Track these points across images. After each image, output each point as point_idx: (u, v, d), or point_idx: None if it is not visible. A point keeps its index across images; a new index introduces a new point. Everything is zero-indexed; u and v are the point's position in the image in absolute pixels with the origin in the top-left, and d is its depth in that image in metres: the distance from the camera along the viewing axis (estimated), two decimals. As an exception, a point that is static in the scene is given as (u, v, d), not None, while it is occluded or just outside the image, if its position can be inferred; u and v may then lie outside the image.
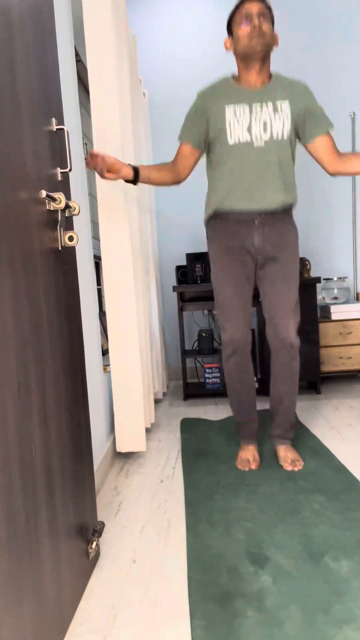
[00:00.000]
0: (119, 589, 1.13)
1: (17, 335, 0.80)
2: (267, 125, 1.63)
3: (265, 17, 1.59)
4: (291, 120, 1.64)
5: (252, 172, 1.65)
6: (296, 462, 1.76)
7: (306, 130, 1.69)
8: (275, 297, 1.70)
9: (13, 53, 0.84)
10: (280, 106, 1.63)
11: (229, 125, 1.64)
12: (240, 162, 1.65)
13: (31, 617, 0.80)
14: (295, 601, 1.03)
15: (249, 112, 1.63)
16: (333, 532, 1.29)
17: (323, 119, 1.68)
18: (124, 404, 1.86)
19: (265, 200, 1.67)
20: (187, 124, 1.72)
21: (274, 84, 1.67)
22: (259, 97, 1.64)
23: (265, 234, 1.70)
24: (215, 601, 1.04)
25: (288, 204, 1.71)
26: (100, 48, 1.67)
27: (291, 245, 1.72)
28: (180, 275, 3.03)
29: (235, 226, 1.70)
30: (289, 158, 1.68)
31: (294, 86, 1.67)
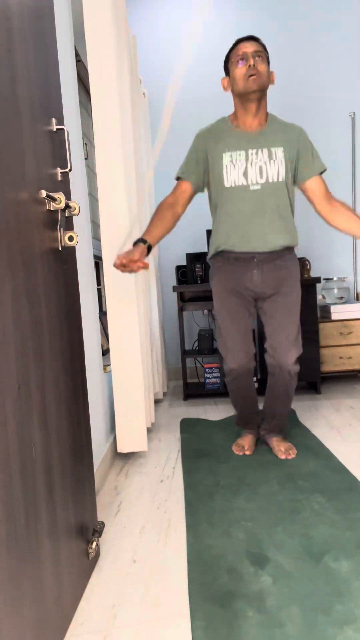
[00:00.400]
0: (119, 589, 1.13)
1: (17, 335, 0.80)
2: (262, 170, 1.69)
3: (261, 57, 1.64)
4: (285, 165, 1.70)
5: (249, 214, 1.71)
6: (290, 450, 1.84)
7: (298, 172, 1.74)
8: (276, 329, 1.76)
9: (13, 53, 0.84)
10: (275, 153, 1.69)
11: (225, 171, 1.70)
12: (237, 204, 1.71)
13: (31, 617, 0.80)
14: (295, 602, 1.03)
15: (245, 159, 1.69)
16: (333, 532, 1.29)
17: (315, 162, 1.74)
18: (125, 404, 1.86)
19: (263, 242, 1.72)
20: (189, 164, 1.78)
21: (270, 128, 1.73)
22: (254, 143, 1.70)
23: (264, 272, 1.75)
24: (215, 602, 1.04)
25: (286, 247, 1.75)
26: (100, 48, 1.67)
27: (291, 278, 1.77)
28: (180, 275, 3.03)
29: (236, 264, 1.76)
30: (286, 200, 1.73)
31: (289, 131, 1.73)
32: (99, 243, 2.72)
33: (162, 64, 3.28)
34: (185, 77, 3.29)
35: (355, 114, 3.26)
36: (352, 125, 3.26)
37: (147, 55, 3.27)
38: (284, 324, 1.74)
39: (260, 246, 1.71)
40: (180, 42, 3.25)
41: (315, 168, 1.73)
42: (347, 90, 3.25)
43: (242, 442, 1.95)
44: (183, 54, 1.30)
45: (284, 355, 1.75)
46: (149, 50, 3.27)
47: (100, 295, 2.88)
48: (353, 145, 3.28)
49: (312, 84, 3.25)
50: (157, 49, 3.27)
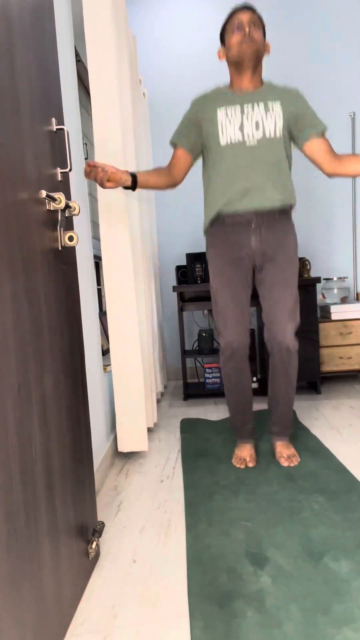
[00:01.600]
0: (119, 589, 1.13)
1: (17, 335, 0.80)
2: (259, 124, 1.64)
3: (256, 25, 1.63)
4: (283, 119, 1.65)
5: (246, 171, 1.65)
6: (292, 457, 1.79)
7: (301, 133, 1.69)
8: (273, 301, 1.71)
9: (13, 53, 0.84)
10: (272, 106, 1.65)
11: (220, 126, 1.66)
12: (234, 162, 1.66)
13: (31, 617, 0.80)
14: (294, 601, 1.03)
15: (240, 113, 1.65)
16: (333, 532, 1.29)
17: (317, 121, 1.69)
18: (125, 403, 1.86)
19: (261, 199, 1.66)
20: (181, 129, 1.76)
21: (266, 88, 1.71)
22: (250, 98, 1.67)
23: (262, 236, 1.70)
24: (214, 601, 1.04)
25: (285, 204, 1.69)
26: (100, 48, 1.67)
27: (289, 249, 1.72)
28: (180, 275, 3.03)
29: (232, 230, 1.71)
30: (284, 157, 1.68)
31: (286, 90, 1.71)
32: (99, 243, 2.72)
33: (162, 64, 3.28)
34: (184, 74, 3.29)
35: (355, 114, 3.26)
36: (352, 125, 3.26)
37: (147, 55, 3.27)
38: (280, 295, 1.70)
39: (259, 202, 1.66)
40: (181, 42, 3.25)
41: (317, 128, 1.68)
42: (347, 90, 3.25)
43: (242, 455, 1.83)
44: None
45: (280, 328, 1.69)
46: (149, 50, 3.27)
47: (100, 295, 2.89)
48: (353, 145, 3.28)
49: (312, 84, 3.25)
50: (157, 49, 3.27)
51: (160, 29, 3.25)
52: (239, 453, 1.85)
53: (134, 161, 2.03)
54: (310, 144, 1.69)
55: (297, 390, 2.98)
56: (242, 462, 1.81)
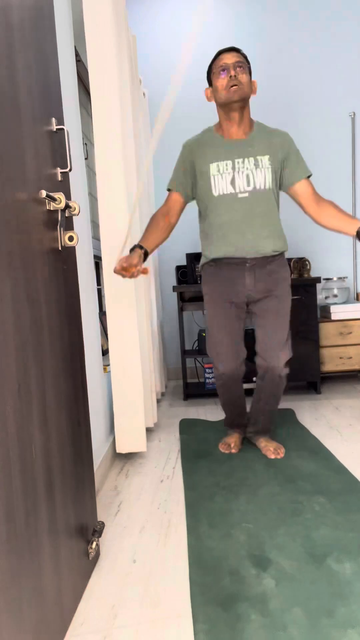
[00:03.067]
0: (119, 589, 1.13)
1: (17, 335, 0.80)
2: (249, 178, 1.72)
3: (242, 67, 1.67)
4: (272, 172, 1.73)
5: (239, 222, 1.73)
6: (278, 450, 1.87)
7: (285, 178, 1.77)
8: (267, 331, 1.79)
9: (13, 53, 0.84)
10: (261, 161, 1.72)
11: (213, 180, 1.74)
12: (226, 213, 1.74)
13: (31, 617, 0.80)
14: (298, 604, 1.02)
15: (231, 168, 1.72)
16: (335, 533, 1.28)
17: (301, 166, 1.76)
18: (124, 404, 1.86)
19: (255, 248, 1.74)
20: (178, 175, 1.81)
21: (255, 136, 1.75)
22: (240, 151, 1.73)
23: (257, 275, 1.78)
24: (218, 604, 1.03)
25: (276, 252, 1.78)
26: (101, 48, 1.67)
27: (283, 283, 1.80)
28: (180, 275, 3.03)
29: (228, 269, 1.79)
30: (273, 206, 1.76)
31: (274, 137, 1.76)
32: (99, 243, 2.72)
33: (162, 64, 3.28)
34: (185, 78, 3.29)
35: (355, 114, 3.26)
36: (352, 125, 3.26)
37: (147, 55, 3.27)
38: (274, 327, 1.78)
39: (252, 252, 1.74)
40: (181, 42, 3.25)
41: (300, 172, 1.76)
42: (347, 90, 3.25)
43: (228, 441, 1.98)
44: (184, 55, 1.29)
45: (274, 358, 1.78)
46: (149, 50, 3.27)
47: (100, 295, 2.89)
48: (353, 145, 3.28)
49: (312, 84, 3.25)
50: (157, 49, 3.27)
51: (160, 29, 3.25)
52: (227, 439, 2.00)
53: (134, 161, 2.03)
54: (294, 188, 1.78)
55: (297, 390, 2.98)
56: (227, 447, 1.95)
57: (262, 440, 1.94)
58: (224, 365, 1.83)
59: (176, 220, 1.83)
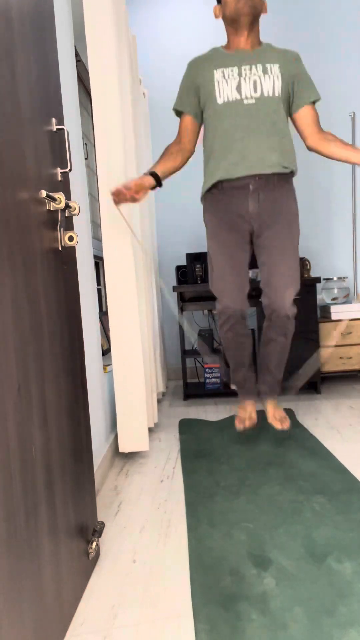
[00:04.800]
0: (119, 589, 1.13)
1: (17, 335, 0.80)
2: (256, 84, 1.61)
3: None
4: (282, 80, 1.62)
5: (245, 130, 1.61)
6: (284, 420, 1.81)
7: (293, 97, 1.67)
8: (272, 267, 1.66)
9: (13, 53, 0.84)
10: (270, 68, 1.62)
11: (217, 86, 1.62)
12: (231, 121, 1.62)
13: (31, 617, 0.80)
14: (299, 604, 1.02)
15: (237, 74, 1.62)
16: (335, 533, 1.28)
17: (310, 89, 1.66)
18: (126, 403, 1.86)
19: (260, 163, 1.62)
20: (182, 96, 1.72)
21: (264, 49, 1.66)
22: (248, 59, 1.63)
23: (260, 201, 1.65)
24: (218, 604, 1.03)
25: (284, 168, 1.65)
26: (101, 48, 1.67)
27: (289, 213, 1.67)
28: (180, 275, 3.03)
29: (230, 194, 1.67)
30: (282, 117, 1.65)
31: (285, 53, 1.66)
32: (99, 243, 2.72)
33: (162, 64, 3.28)
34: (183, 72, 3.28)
35: (355, 114, 3.26)
36: (352, 125, 3.26)
37: (147, 55, 3.27)
38: (279, 261, 1.65)
39: (258, 165, 1.62)
40: (181, 42, 3.25)
41: (310, 96, 1.66)
42: (347, 90, 3.25)
43: (242, 415, 1.86)
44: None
45: (279, 295, 1.65)
46: (149, 50, 3.27)
47: (100, 295, 2.89)
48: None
49: (312, 84, 3.25)
50: (157, 49, 3.27)
51: (160, 29, 3.25)
52: (239, 412, 1.90)
53: (134, 161, 2.03)
54: (298, 112, 1.67)
55: (297, 390, 2.98)
56: (242, 422, 1.86)
57: (269, 403, 1.83)
58: (227, 298, 1.70)
59: (192, 148, 1.72)
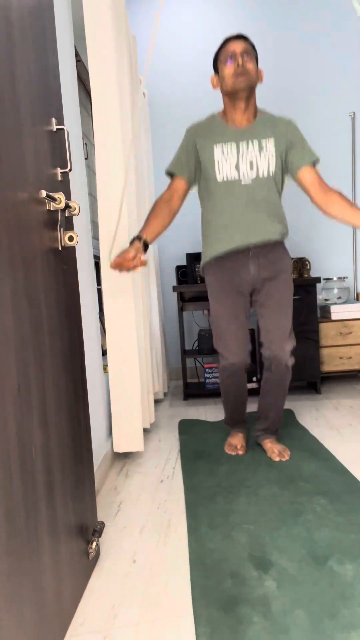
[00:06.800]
0: (119, 589, 1.13)
1: (17, 335, 0.80)
2: (253, 164, 1.71)
3: (249, 55, 1.65)
4: (276, 157, 1.71)
5: (242, 208, 1.72)
6: (283, 452, 1.85)
7: (290, 164, 1.75)
8: (271, 322, 1.79)
9: (13, 53, 0.84)
10: (266, 145, 1.71)
11: (217, 164, 1.72)
12: (230, 199, 1.73)
13: (31, 617, 0.80)
14: (301, 606, 1.01)
15: (236, 151, 1.71)
16: (336, 535, 1.28)
17: (307, 152, 1.74)
18: (121, 404, 1.86)
19: (258, 233, 1.73)
20: (180, 159, 1.79)
21: (260, 122, 1.74)
22: (245, 136, 1.71)
23: (260, 263, 1.77)
24: (219, 607, 1.03)
25: (280, 236, 1.77)
26: (101, 48, 1.67)
27: (285, 273, 1.80)
28: (180, 275, 3.03)
29: (231, 260, 1.78)
30: (275, 193, 1.76)
31: (279, 123, 1.74)
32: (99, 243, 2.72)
33: (162, 64, 3.28)
34: (184, 74, 3.29)
35: (355, 114, 3.26)
36: (352, 125, 3.26)
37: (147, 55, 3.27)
38: (278, 317, 1.77)
39: (257, 236, 1.73)
40: (181, 42, 3.25)
41: (306, 158, 1.73)
42: (347, 90, 3.25)
43: (233, 442, 1.96)
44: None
45: (279, 347, 1.77)
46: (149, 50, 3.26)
47: (100, 295, 2.88)
48: (353, 145, 3.28)
49: (312, 84, 3.25)
50: (157, 49, 3.27)
51: (161, 29, 3.25)
52: (231, 440, 1.98)
53: (133, 161, 2.03)
54: (299, 174, 1.75)
55: (297, 390, 2.98)
56: (234, 449, 1.93)
57: (268, 441, 1.92)
58: (232, 354, 1.82)
59: (179, 207, 1.80)
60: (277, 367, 1.80)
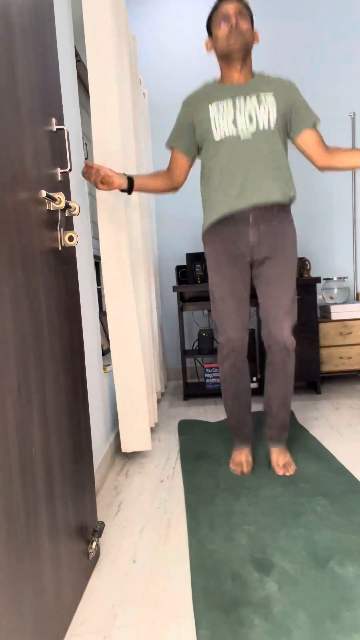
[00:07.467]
0: (119, 589, 1.13)
1: (17, 335, 0.80)
2: (252, 117, 1.61)
3: (243, 16, 1.59)
4: (277, 110, 1.62)
5: (243, 165, 1.62)
6: (288, 466, 1.72)
7: (292, 125, 1.68)
8: (270, 298, 1.68)
9: (13, 53, 0.84)
10: (265, 98, 1.62)
11: (213, 122, 1.63)
12: (230, 157, 1.62)
13: (31, 617, 0.80)
14: (302, 608, 1.01)
15: (232, 106, 1.61)
16: (337, 536, 1.27)
17: (309, 113, 1.67)
18: (128, 404, 1.86)
19: (261, 194, 1.62)
20: (175, 132, 1.75)
21: (258, 79, 1.67)
22: (242, 91, 1.63)
23: (260, 232, 1.66)
24: (220, 609, 1.02)
25: (285, 198, 1.65)
26: (100, 48, 1.67)
27: (288, 245, 1.68)
28: (180, 275, 3.03)
29: (230, 227, 1.67)
30: (280, 148, 1.65)
31: (279, 81, 1.67)
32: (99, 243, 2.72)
33: (162, 64, 3.27)
34: (184, 74, 3.29)
35: (355, 114, 3.26)
36: (352, 125, 3.26)
37: (147, 55, 3.27)
38: (278, 292, 1.67)
39: (259, 196, 1.62)
40: (181, 42, 3.25)
41: (308, 119, 1.66)
42: (347, 90, 3.25)
43: (238, 459, 1.80)
44: None
45: (277, 323, 1.66)
46: (149, 50, 3.27)
47: (100, 295, 2.88)
48: (353, 146, 3.27)
49: (312, 84, 3.25)
50: (157, 49, 3.27)
51: (160, 29, 3.25)
52: (236, 457, 1.81)
53: (134, 161, 2.03)
54: (302, 136, 1.67)
55: (297, 390, 2.98)
56: (238, 466, 1.77)
57: (274, 451, 1.78)
58: (229, 328, 1.70)
59: (181, 181, 1.75)
60: (277, 348, 1.68)
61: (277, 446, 1.78)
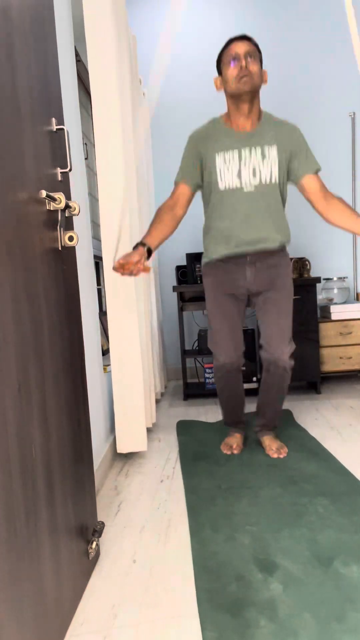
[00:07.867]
0: (119, 589, 1.13)
1: (17, 335, 0.80)
2: (255, 171, 1.70)
3: (253, 57, 1.63)
4: (279, 165, 1.71)
5: (244, 215, 1.72)
6: (281, 449, 1.87)
7: (292, 171, 1.75)
8: (270, 326, 1.79)
9: (13, 53, 0.84)
10: (268, 152, 1.70)
11: (219, 173, 1.72)
12: (232, 206, 1.73)
13: (31, 617, 0.80)
14: (308, 609, 1.00)
15: (238, 159, 1.70)
16: (340, 536, 1.27)
17: (310, 160, 1.74)
18: (125, 404, 1.86)
19: (259, 240, 1.73)
20: (186, 166, 1.79)
21: (263, 126, 1.73)
22: (247, 142, 1.70)
23: (257, 269, 1.78)
24: (225, 611, 1.01)
25: (280, 245, 1.77)
26: (100, 48, 1.67)
27: (284, 277, 1.80)
28: (180, 275, 3.03)
29: (228, 263, 1.79)
30: (279, 199, 1.75)
31: (283, 129, 1.73)
32: (99, 243, 2.72)
33: (162, 64, 3.27)
34: (184, 75, 3.29)
35: (355, 114, 3.26)
36: (352, 125, 3.26)
37: (147, 55, 3.27)
38: (277, 319, 1.77)
39: (257, 244, 1.74)
40: (180, 42, 3.25)
41: (309, 167, 1.73)
42: (347, 90, 3.25)
43: (229, 441, 1.97)
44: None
45: (278, 349, 1.78)
46: (149, 50, 3.27)
47: (100, 295, 2.88)
48: (353, 145, 3.28)
49: (312, 84, 3.25)
50: (157, 49, 3.26)
51: (161, 29, 3.25)
52: (228, 440, 1.98)
53: (134, 161, 2.03)
54: (303, 181, 1.75)
55: (297, 390, 2.98)
56: (229, 448, 1.93)
57: (266, 438, 1.94)
58: (224, 354, 1.84)
59: (183, 213, 1.81)
60: (276, 369, 1.81)
61: (267, 434, 1.96)
